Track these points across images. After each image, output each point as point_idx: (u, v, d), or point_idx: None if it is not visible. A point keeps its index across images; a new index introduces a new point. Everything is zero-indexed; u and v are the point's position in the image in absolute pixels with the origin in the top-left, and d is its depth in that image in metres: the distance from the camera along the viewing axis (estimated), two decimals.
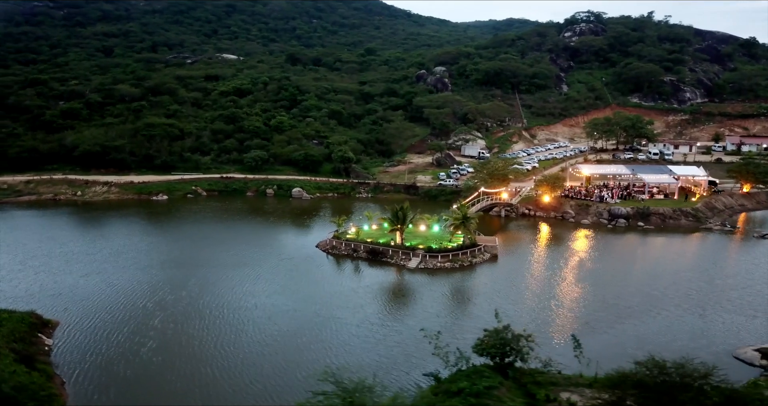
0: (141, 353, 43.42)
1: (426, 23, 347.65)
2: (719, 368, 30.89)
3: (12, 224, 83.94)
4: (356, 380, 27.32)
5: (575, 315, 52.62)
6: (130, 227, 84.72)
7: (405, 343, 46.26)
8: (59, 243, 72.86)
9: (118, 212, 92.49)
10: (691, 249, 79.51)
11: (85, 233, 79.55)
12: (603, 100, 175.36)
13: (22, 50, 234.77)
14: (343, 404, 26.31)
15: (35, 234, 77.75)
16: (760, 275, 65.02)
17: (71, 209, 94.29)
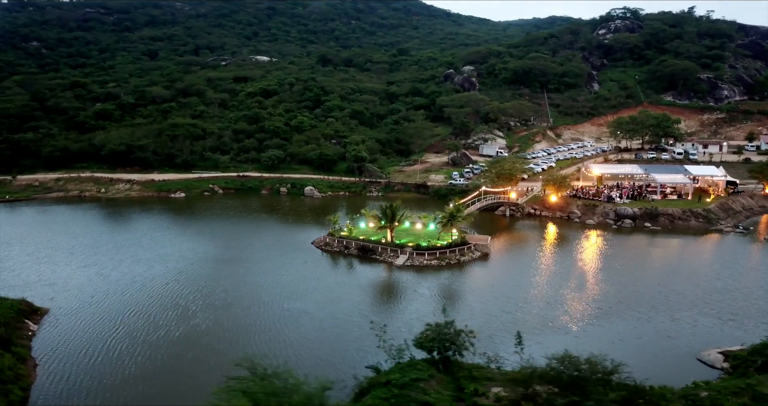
0: (109, 340, 46.17)
1: (465, 23, 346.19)
2: (685, 369, 31.19)
3: (34, 219, 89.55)
4: (273, 367, 28.74)
5: (543, 315, 52.55)
6: (139, 222, 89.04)
7: (363, 338, 47.36)
8: (70, 236, 77.46)
9: (134, 209, 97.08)
10: (691, 251, 77.46)
11: (96, 228, 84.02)
12: (635, 98, 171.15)
13: (73, 55, 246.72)
14: (253, 387, 27.55)
15: (51, 228, 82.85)
16: (751, 279, 63.23)
17: (93, 205, 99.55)
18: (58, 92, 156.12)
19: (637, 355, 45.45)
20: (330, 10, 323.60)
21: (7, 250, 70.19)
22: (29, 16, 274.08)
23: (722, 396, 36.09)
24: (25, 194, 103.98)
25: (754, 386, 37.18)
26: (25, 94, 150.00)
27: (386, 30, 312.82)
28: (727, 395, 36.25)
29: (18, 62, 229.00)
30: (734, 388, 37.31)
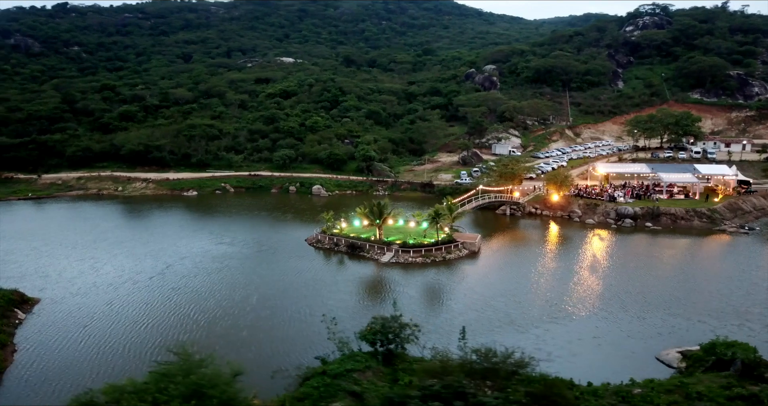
0: (85, 330, 48.86)
1: (496, 22, 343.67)
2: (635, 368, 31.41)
3: (49, 215, 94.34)
4: (201, 354, 30.41)
5: (509, 313, 52.78)
6: (146, 219, 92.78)
7: (324, 331, 48.76)
8: (76, 232, 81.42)
9: (145, 206, 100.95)
10: (685, 251, 75.83)
11: (104, 224, 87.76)
12: (660, 96, 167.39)
13: (111, 58, 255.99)
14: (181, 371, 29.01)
15: (62, 224, 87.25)
16: (737, 280, 61.92)
17: (108, 203, 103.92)
18: (89, 95, 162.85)
19: (591, 354, 45.58)
20: (361, 11, 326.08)
21: (15, 244, 74.34)
22: (71, 22, 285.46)
23: (654, 393, 36.18)
24: (47, 192, 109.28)
25: (687, 384, 37.09)
26: (58, 96, 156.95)
27: (416, 30, 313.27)
28: (659, 393, 36.30)
29: (60, 66, 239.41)
30: (669, 385, 37.26)
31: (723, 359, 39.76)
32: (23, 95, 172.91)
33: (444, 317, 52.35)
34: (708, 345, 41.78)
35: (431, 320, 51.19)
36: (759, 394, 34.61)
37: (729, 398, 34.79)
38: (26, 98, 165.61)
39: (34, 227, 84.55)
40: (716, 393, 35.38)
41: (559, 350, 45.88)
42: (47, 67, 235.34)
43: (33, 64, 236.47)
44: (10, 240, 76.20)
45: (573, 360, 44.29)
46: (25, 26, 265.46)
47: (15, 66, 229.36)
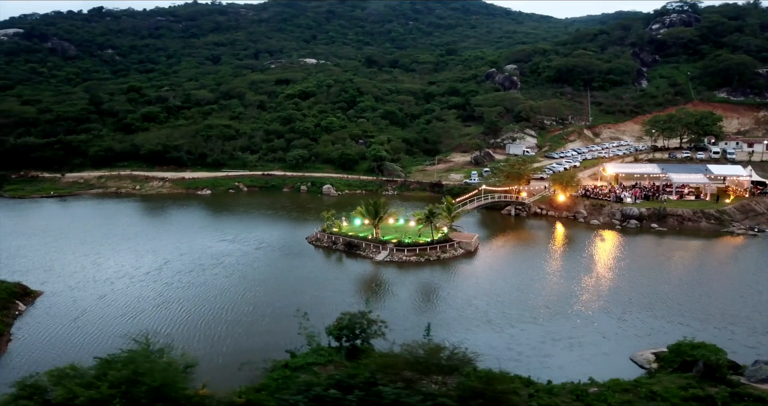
0: (77, 322, 51.11)
1: (525, 21, 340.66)
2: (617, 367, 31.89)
3: (66, 212, 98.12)
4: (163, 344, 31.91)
5: (487, 312, 53.01)
6: (156, 216, 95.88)
7: (313, 326, 49.84)
8: (88, 228, 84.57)
9: (160, 205, 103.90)
10: (685, 252, 74.28)
11: (116, 221, 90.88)
12: (684, 95, 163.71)
13: (143, 61, 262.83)
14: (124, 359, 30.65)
15: (76, 221, 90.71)
16: (730, 282, 60.93)
17: (125, 201, 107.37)
18: (116, 96, 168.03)
19: (563, 354, 45.55)
20: (388, 11, 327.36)
21: (28, 239, 77.67)
22: (106, 26, 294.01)
23: (609, 392, 36.31)
24: (68, 191, 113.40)
25: (643, 385, 37.03)
26: (87, 98, 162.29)
27: (443, 30, 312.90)
28: (615, 392, 36.41)
29: (94, 69, 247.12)
30: (627, 385, 37.31)
31: (687, 360, 39.57)
32: (56, 97, 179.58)
33: (422, 315, 52.85)
34: (674, 346, 41.53)
35: (410, 318, 51.91)
36: (714, 395, 34.47)
37: (684, 398, 34.74)
38: (57, 100, 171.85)
39: (49, 224, 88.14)
40: (672, 393, 35.33)
41: (531, 350, 46.12)
42: (82, 69, 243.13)
43: (68, 66, 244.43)
44: (25, 236, 79.64)
45: (543, 360, 44.54)
46: (62, 30, 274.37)
47: (51, 69, 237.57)
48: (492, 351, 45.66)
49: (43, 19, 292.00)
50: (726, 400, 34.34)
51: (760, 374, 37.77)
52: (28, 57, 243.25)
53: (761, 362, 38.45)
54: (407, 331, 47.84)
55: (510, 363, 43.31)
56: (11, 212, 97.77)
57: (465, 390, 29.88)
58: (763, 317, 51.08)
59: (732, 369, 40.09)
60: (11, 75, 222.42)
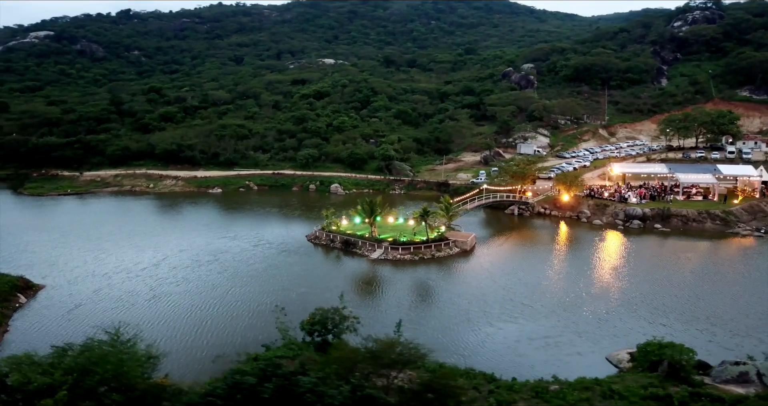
0: (73, 313, 53.06)
1: (549, 19, 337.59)
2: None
3: (80, 209, 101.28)
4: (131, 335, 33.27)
5: (468, 310, 53.19)
6: (164, 214, 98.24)
7: (289, 321, 50.95)
8: (96, 225, 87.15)
9: (170, 202, 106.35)
10: (683, 252, 72.91)
11: (124, 218, 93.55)
12: (705, 94, 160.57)
13: (168, 62, 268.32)
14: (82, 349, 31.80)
15: (87, 218, 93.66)
16: (722, 284, 60.06)
17: (138, 199, 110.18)
18: (137, 97, 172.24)
19: (537, 352, 45.61)
20: (410, 11, 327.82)
21: (38, 235, 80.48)
22: (133, 28, 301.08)
23: (568, 390, 36.49)
24: (84, 188, 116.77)
25: (602, 383, 37.10)
26: (109, 99, 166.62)
27: (465, 29, 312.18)
28: (575, 390, 36.57)
29: (120, 70, 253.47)
30: (588, 383, 37.40)
31: (653, 360, 39.48)
32: (81, 98, 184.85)
33: (403, 312, 53.33)
34: (643, 346, 41.37)
35: (390, 314, 52.43)
36: (673, 395, 34.44)
37: (643, 397, 34.80)
38: (82, 100, 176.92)
39: (60, 221, 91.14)
40: (632, 392, 35.39)
41: (505, 348, 46.34)
42: (109, 70, 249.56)
43: (96, 68, 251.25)
44: (35, 232, 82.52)
45: (516, 358, 44.69)
46: (90, 32, 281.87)
47: (80, 70, 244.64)
48: (464, 349, 46.21)
49: (72, 22, 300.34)
50: (684, 399, 34.27)
51: (725, 375, 37.48)
52: (57, 59, 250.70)
53: (727, 362, 38.12)
54: (385, 327, 48.38)
55: (480, 360, 43.77)
56: (28, 210, 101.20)
57: (412, 383, 30.51)
58: (750, 319, 50.35)
59: (702, 369, 39.93)
60: (41, 76, 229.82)
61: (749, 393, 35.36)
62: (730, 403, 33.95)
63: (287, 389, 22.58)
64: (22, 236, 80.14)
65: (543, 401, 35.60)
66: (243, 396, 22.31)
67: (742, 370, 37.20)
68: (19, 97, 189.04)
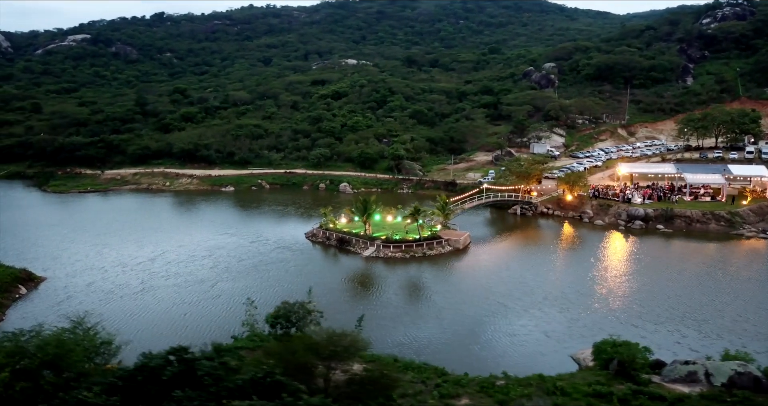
0: (62, 304, 55.62)
1: (580, 17, 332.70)
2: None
3: (94, 206, 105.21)
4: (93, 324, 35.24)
5: (440, 309, 53.69)
6: (174, 211, 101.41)
7: (258, 314, 52.23)
8: (105, 221, 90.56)
9: (183, 200, 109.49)
10: (678, 253, 72.10)
11: (133, 215, 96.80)
12: (731, 92, 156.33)
13: (199, 63, 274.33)
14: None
15: (99, 214, 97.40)
16: (707, 286, 59.08)
17: (153, 196, 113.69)
18: (163, 98, 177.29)
19: (499, 349, 45.92)
20: (438, 11, 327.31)
21: (48, 230, 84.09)
22: (166, 30, 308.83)
23: (514, 386, 36.88)
24: (104, 186, 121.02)
25: (547, 379, 37.31)
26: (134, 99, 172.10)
27: (493, 28, 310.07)
28: (520, 386, 36.93)
29: (152, 72, 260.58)
30: (534, 380, 37.68)
31: (604, 358, 39.50)
32: (111, 99, 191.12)
33: (378, 308, 54.25)
34: (598, 344, 41.34)
35: (362, 310, 53.27)
36: (615, 392, 34.53)
37: (585, 394, 34.97)
38: (111, 101, 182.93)
39: (75, 217, 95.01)
40: (576, 389, 35.55)
41: (470, 345, 46.71)
42: (141, 72, 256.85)
43: (129, 69, 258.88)
44: (47, 227, 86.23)
45: (480, 355, 45.12)
46: (125, 35, 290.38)
47: (114, 72, 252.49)
48: (429, 345, 46.75)
49: (109, 25, 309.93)
50: (626, 397, 34.32)
51: (674, 374, 37.22)
52: (93, 61, 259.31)
53: (678, 362, 37.84)
54: (352, 322, 49.56)
55: (441, 356, 44.18)
56: (47, 206, 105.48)
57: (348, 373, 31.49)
58: (725, 321, 49.57)
59: (657, 368, 39.72)
60: (77, 78, 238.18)
61: (693, 392, 35.24)
62: (670, 401, 33.93)
63: (187, 372, 23.85)
64: (35, 230, 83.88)
65: (486, 396, 36.08)
66: (144, 377, 23.71)
67: (691, 369, 36.87)
68: (55, 98, 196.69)
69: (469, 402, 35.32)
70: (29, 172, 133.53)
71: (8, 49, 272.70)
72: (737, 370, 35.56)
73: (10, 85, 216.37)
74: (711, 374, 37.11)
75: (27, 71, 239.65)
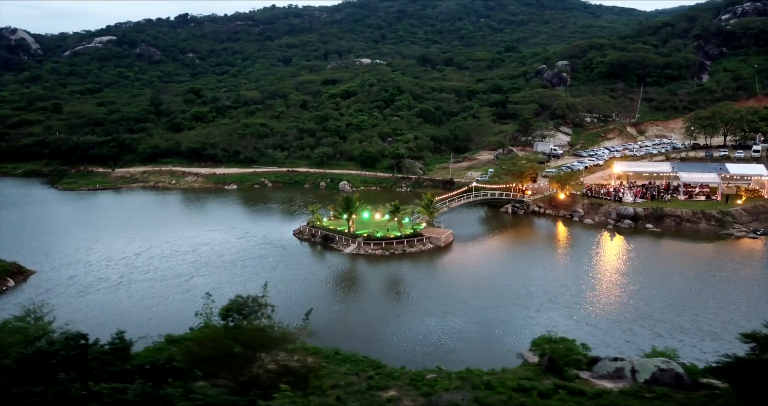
0: (41, 296, 57.99)
1: (603, 14, 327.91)
2: None
3: (98, 203, 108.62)
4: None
5: (394, 305, 54.63)
6: (173, 208, 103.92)
7: (217, 307, 53.63)
8: (105, 217, 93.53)
9: (186, 197, 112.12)
10: (656, 252, 71.17)
11: (134, 211, 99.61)
12: (748, 90, 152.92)
13: (221, 64, 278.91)
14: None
15: (101, 211, 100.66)
16: (675, 284, 58.44)
17: (158, 194, 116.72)
18: (177, 97, 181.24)
19: (444, 345, 46.37)
20: (459, 9, 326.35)
21: (48, 225, 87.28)
22: (189, 31, 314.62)
23: (442, 379, 37.53)
24: (113, 184, 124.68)
25: (476, 373, 37.83)
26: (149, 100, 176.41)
27: (515, 26, 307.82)
28: (447, 380, 37.57)
29: (175, 72, 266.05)
30: (464, 374, 38.18)
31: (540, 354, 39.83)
32: (130, 99, 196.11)
33: (343, 303, 55.30)
34: (536, 341, 41.59)
35: (324, 304, 54.48)
36: (538, 386, 34.87)
37: (510, 388, 35.38)
38: (129, 101, 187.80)
39: (77, 213, 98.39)
40: (502, 383, 35.99)
41: (417, 341, 47.20)
42: (164, 72, 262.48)
43: (152, 70, 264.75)
44: (48, 223, 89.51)
45: (425, 350, 45.65)
46: (150, 36, 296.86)
47: (137, 73, 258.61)
48: (379, 340, 47.52)
49: (135, 27, 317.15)
50: (547, 391, 34.64)
51: (602, 370, 37.18)
52: (117, 62, 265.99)
53: (607, 358, 37.89)
54: (313, 316, 50.63)
55: (387, 350, 45.03)
56: (54, 203, 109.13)
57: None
58: (683, 320, 49.14)
59: (593, 365, 39.89)
60: (101, 79, 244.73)
61: (616, 388, 35.48)
62: (589, 396, 34.23)
63: (76, 357, 25.31)
64: (35, 225, 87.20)
65: (414, 388, 36.81)
66: (36, 361, 25.25)
67: (618, 366, 36.80)
68: (78, 98, 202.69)
69: (395, 394, 36.02)
70: (45, 170, 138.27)
71: (38, 51, 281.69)
72: (660, 367, 35.58)
73: (37, 86, 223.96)
74: (637, 370, 37.06)
75: (54, 72, 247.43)
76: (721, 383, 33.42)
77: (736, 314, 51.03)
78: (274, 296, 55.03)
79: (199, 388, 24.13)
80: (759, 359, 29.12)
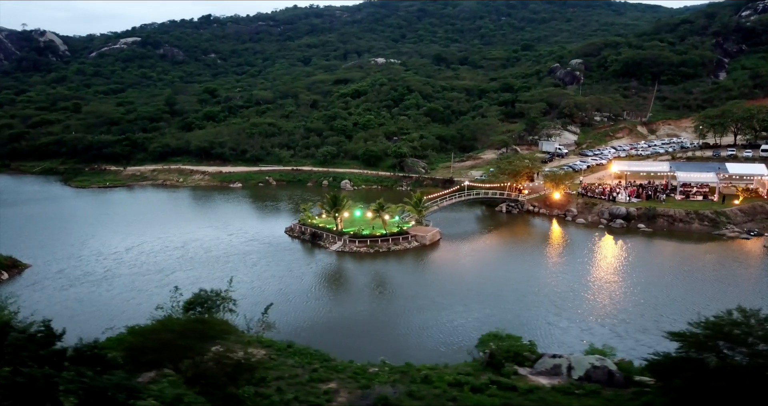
0: (30, 288, 60.40)
1: (627, 11, 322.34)
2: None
3: (105, 200, 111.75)
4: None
5: (360, 302, 55.46)
6: (174, 205, 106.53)
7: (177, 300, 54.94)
8: (106, 214, 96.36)
9: (191, 195, 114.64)
10: (641, 253, 70.16)
11: (136, 208, 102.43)
12: (765, 88, 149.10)
13: (241, 64, 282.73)
14: None
15: (104, 207, 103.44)
16: (646, 284, 57.86)
17: (165, 191, 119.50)
18: (191, 97, 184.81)
19: (399, 341, 46.91)
20: (480, 8, 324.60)
21: (49, 221, 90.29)
22: (212, 32, 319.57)
23: (383, 373, 38.30)
24: (123, 182, 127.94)
25: (414, 368, 38.39)
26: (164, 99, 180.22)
27: (536, 25, 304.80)
28: (389, 373, 38.31)
29: (197, 72, 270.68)
30: (404, 368, 38.87)
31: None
32: (148, 99, 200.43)
33: (318, 300, 56.22)
34: (483, 337, 41.98)
35: (296, 299, 55.54)
36: (472, 381, 35.43)
37: (446, 383, 36.12)
38: (147, 101, 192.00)
39: (82, 209, 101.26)
40: (440, 378, 36.67)
41: (373, 335, 47.99)
42: (186, 73, 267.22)
43: (175, 70, 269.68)
44: (50, 219, 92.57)
45: (379, 346, 46.14)
46: (173, 37, 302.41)
47: (160, 73, 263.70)
48: (334, 334, 48.32)
49: (159, 28, 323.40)
50: (481, 386, 35.18)
51: (541, 367, 37.63)
52: (141, 63, 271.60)
53: (546, 355, 38.21)
54: (276, 310, 51.74)
55: (342, 345, 45.78)
56: (63, 200, 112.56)
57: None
58: (645, 320, 48.77)
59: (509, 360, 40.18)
60: (125, 79, 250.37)
61: (549, 384, 35.79)
62: (521, 392, 34.71)
63: (42, 342, 26.92)
64: (38, 221, 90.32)
65: (354, 381, 37.61)
66: None
67: (556, 363, 37.21)
68: (101, 99, 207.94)
69: (334, 386, 36.91)
70: (61, 168, 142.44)
71: (65, 53, 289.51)
72: (594, 364, 35.78)
73: (63, 87, 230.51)
74: (573, 367, 37.33)
75: (80, 73, 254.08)
76: (653, 380, 33.55)
77: (706, 313, 50.31)
78: (246, 291, 56.77)
79: (93, 375, 25.33)
80: (685, 357, 29.20)
